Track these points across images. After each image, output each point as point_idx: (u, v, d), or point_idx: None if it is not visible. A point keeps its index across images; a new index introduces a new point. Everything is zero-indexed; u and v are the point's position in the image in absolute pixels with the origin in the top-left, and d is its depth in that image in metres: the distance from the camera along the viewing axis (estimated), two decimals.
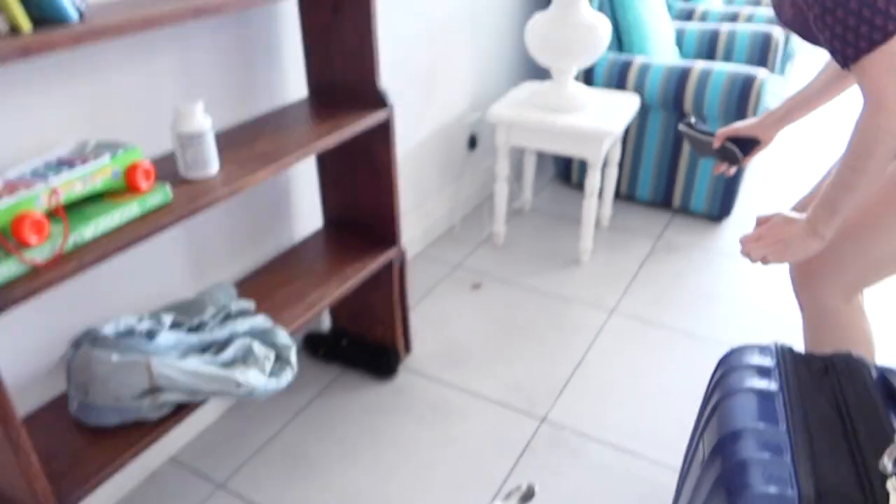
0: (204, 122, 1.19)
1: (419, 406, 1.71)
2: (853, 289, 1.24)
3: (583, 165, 2.66)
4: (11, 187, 0.98)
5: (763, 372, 0.98)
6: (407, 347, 1.89)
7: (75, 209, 1.05)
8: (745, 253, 1.20)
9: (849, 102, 3.56)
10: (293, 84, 1.64)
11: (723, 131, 1.42)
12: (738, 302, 2.08)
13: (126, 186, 1.10)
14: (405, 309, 1.83)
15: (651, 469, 1.51)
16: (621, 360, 1.84)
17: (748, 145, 1.41)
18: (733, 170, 1.48)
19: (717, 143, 1.42)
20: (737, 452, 0.86)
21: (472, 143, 2.48)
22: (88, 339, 1.23)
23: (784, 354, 1.00)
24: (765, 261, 1.18)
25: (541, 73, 2.78)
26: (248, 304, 1.41)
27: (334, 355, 1.88)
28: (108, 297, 1.35)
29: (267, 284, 1.57)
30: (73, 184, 1.02)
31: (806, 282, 1.27)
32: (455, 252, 2.36)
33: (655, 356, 1.86)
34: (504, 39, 2.55)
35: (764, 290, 2.13)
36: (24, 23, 0.92)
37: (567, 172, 2.74)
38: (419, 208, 2.31)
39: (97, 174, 1.06)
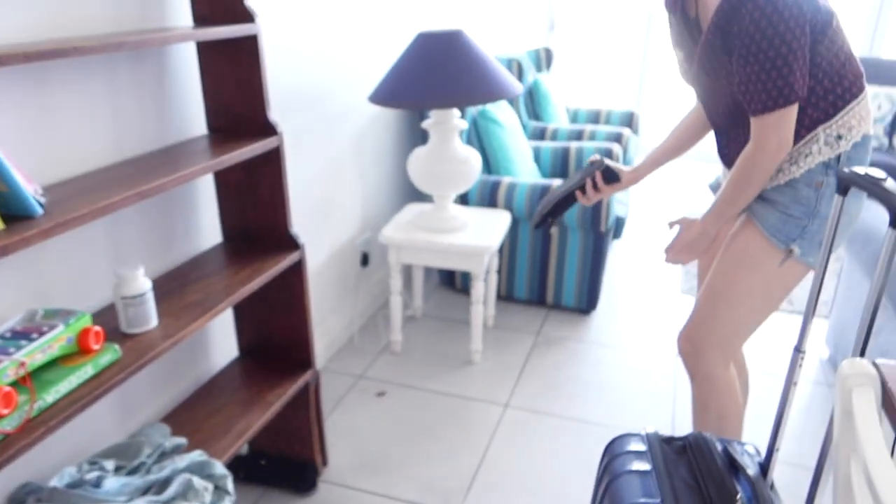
0: (144, 284, 1.33)
1: None
2: (729, 353, 1.56)
3: (464, 273, 2.95)
4: None
5: (639, 455, 1.24)
6: (324, 461, 2.01)
7: (35, 375, 1.15)
8: (669, 261, 1.57)
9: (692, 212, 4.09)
10: (208, 232, 1.80)
11: (598, 156, 1.75)
12: (611, 386, 2.38)
13: (79, 349, 1.22)
14: (321, 424, 1.96)
15: None
16: (520, 450, 2.06)
17: (611, 175, 1.70)
18: (589, 195, 1.71)
19: (592, 159, 1.72)
20: None
21: (365, 260, 2.70)
22: (28, 493, 1.29)
23: (651, 439, 1.26)
24: (683, 263, 1.56)
25: (421, 196, 3.08)
26: (182, 441, 1.51)
27: (254, 476, 1.96)
28: (40, 450, 1.41)
29: (194, 417, 1.67)
30: (34, 354, 1.13)
31: (697, 355, 1.58)
32: (357, 363, 2.53)
33: (549, 443, 2.09)
34: (387, 168, 2.83)
35: (630, 374, 2.46)
36: None
37: (451, 279, 3.01)
38: (320, 325, 2.47)
39: (55, 342, 1.17)
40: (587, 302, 2.81)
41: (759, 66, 1.30)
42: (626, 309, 2.94)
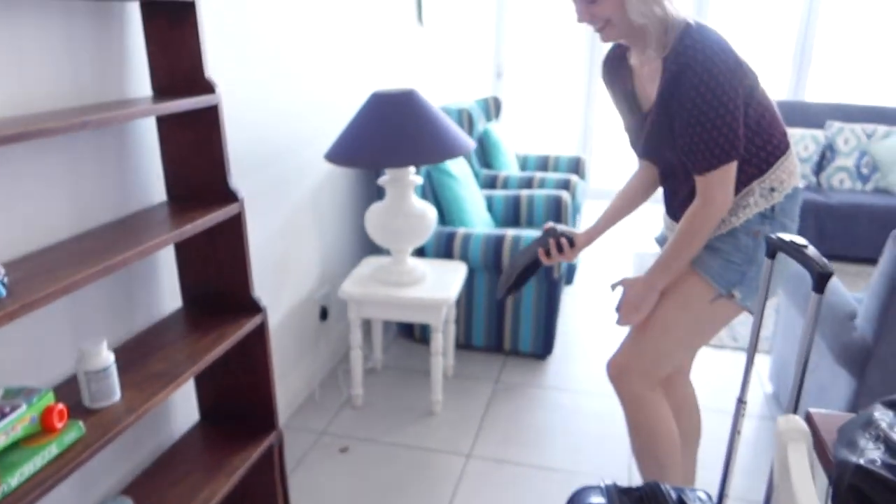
0: (108, 358, 1.34)
1: None
2: (653, 377, 1.64)
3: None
4: None
5: None
6: None
7: None
8: (622, 323, 1.62)
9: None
10: (168, 297, 1.81)
11: (552, 223, 1.79)
12: (570, 431, 2.44)
13: (42, 428, 1.21)
14: (285, 485, 1.96)
15: None
16: (484, 502, 2.09)
17: (568, 240, 1.74)
18: (554, 256, 1.74)
19: (546, 227, 1.76)
20: None
21: (324, 314, 2.72)
22: None
23: (611, 491, 1.31)
24: (634, 323, 1.61)
25: (378, 248, 3.13)
26: None
27: None
28: None
29: (157, 487, 1.65)
30: None
31: (621, 377, 1.66)
32: (318, 419, 2.53)
33: (512, 493, 2.13)
34: (344, 223, 2.88)
35: (587, 418, 2.52)
36: None
37: (410, 329, 3.05)
38: (280, 381, 2.47)
39: (18, 423, 1.17)
40: (543, 347, 2.88)
41: (702, 128, 1.40)
42: (580, 353, 3.02)
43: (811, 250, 0.97)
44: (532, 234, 2.75)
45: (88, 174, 1.51)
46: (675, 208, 1.67)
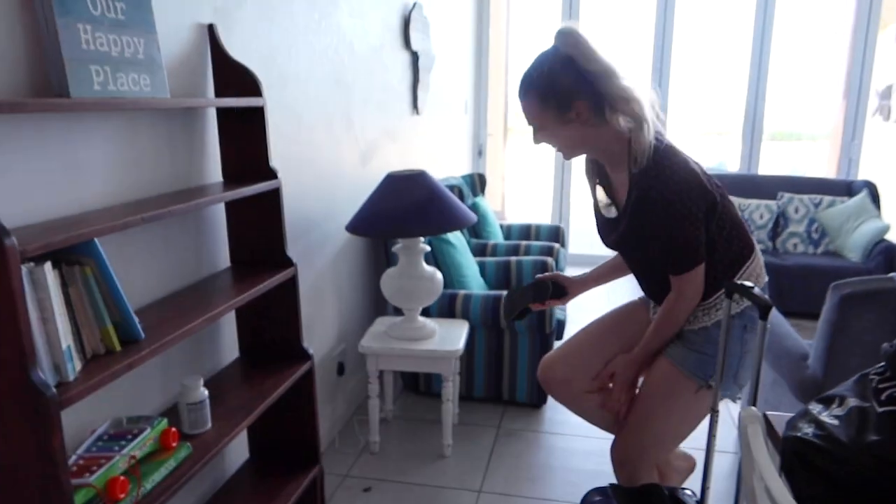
0: (203, 392, 1.64)
1: None
2: (655, 461, 1.85)
3: (427, 377, 3.30)
4: (92, 461, 1.35)
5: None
6: None
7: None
8: (616, 409, 1.83)
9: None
10: (228, 348, 2.11)
11: (544, 274, 2.05)
12: (570, 468, 2.74)
13: (160, 447, 1.50)
14: None
15: None
16: None
17: (558, 290, 2.01)
18: (546, 305, 2.02)
19: (538, 279, 1.99)
20: None
21: (341, 370, 3.02)
22: None
23: (613, 491, 1.63)
24: (630, 396, 1.82)
25: (385, 310, 3.46)
26: None
27: None
28: None
29: None
30: (135, 450, 1.41)
31: (625, 467, 1.84)
32: (341, 464, 2.79)
33: None
34: (358, 287, 3.22)
35: (583, 457, 2.83)
36: (117, 345, 1.36)
37: (415, 383, 3.35)
38: None
39: (146, 441, 1.46)
40: (538, 397, 3.19)
41: (671, 242, 1.64)
42: None
43: (756, 290, 1.34)
44: None
45: (175, 245, 1.84)
46: (653, 293, 1.88)
